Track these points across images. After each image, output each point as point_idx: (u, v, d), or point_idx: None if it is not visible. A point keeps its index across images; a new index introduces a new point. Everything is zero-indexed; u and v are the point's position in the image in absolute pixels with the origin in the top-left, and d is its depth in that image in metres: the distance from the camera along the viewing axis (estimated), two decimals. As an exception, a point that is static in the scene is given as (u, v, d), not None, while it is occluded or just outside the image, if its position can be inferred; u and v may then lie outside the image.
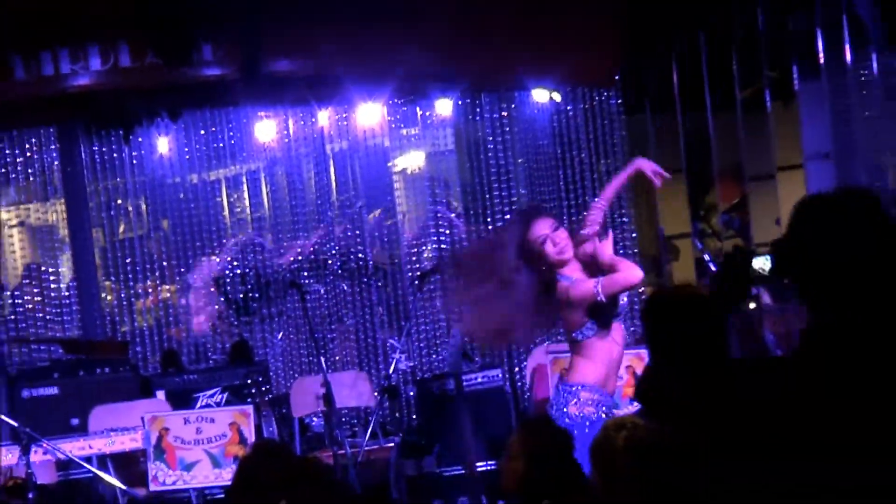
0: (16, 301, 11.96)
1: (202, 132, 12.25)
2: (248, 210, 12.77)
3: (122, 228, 12.45)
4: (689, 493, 4.55)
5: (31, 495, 9.12)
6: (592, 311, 7.45)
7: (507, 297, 7.72)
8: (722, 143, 12.58)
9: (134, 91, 11.09)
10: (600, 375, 7.50)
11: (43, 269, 12.23)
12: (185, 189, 12.43)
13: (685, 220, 13.42)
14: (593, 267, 7.57)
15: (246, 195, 12.80)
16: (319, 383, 9.57)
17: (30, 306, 11.97)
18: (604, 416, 7.25)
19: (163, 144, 12.03)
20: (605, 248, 7.53)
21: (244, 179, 12.77)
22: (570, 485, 5.95)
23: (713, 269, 11.88)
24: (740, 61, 12.24)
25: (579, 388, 7.37)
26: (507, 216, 12.27)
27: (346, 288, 12.26)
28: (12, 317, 11.89)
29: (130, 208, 12.31)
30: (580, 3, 11.46)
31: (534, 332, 7.99)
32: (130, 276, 12.29)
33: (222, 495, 9.35)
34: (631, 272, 7.36)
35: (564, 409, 7.41)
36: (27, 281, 12.22)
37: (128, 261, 12.30)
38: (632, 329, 11.57)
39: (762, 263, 11.05)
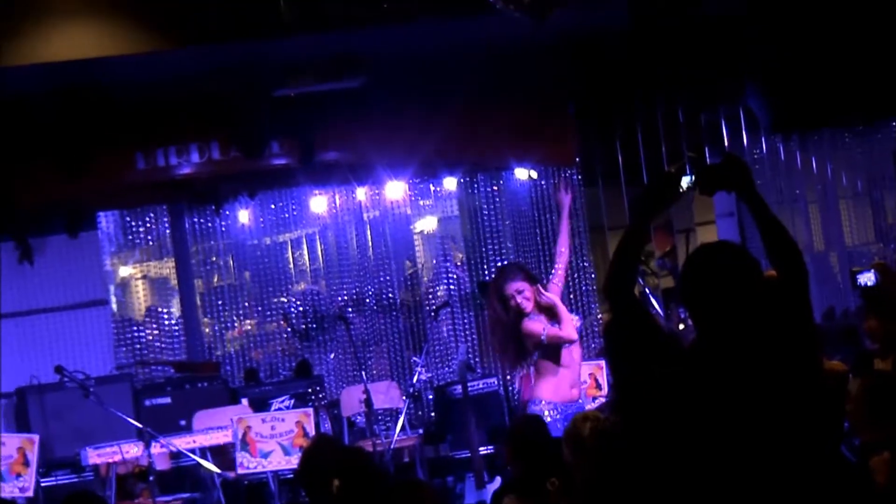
0: (140, 335, 11.88)
1: (272, 206, 12.18)
2: (307, 263, 12.74)
3: (216, 278, 12.40)
4: (636, 467, 4.53)
5: (151, 478, 9.05)
6: (537, 345, 7.60)
7: (492, 332, 7.88)
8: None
9: (222, 177, 11.08)
10: (550, 392, 7.60)
11: (159, 310, 12.16)
12: (261, 249, 12.38)
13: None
14: (549, 312, 7.70)
15: (305, 252, 12.79)
16: (361, 391, 9.46)
17: (150, 338, 11.89)
18: (551, 421, 7.26)
19: (244, 216, 11.98)
20: (544, 297, 7.67)
21: (304, 241, 12.78)
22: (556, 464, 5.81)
23: (652, 299, 11.76)
24: (667, 146, 12.21)
25: (532, 404, 7.54)
26: (498, 263, 12.22)
27: (380, 319, 12.20)
28: (137, 346, 11.79)
29: (222, 264, 12.26)
30: (546, 114, 11.46)
31: (508, 362, 8.04)
32: (222, 314, 12.19)
33: (291, 476, 9.21)
34: (568, 331, 7.58)
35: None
36: (148, 319, 12.17)
37: (220, 303, 12.21)
38: (592, 346, 11.47)
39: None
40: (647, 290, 12.30)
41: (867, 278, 7.89)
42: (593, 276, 12.46)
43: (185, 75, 9.55)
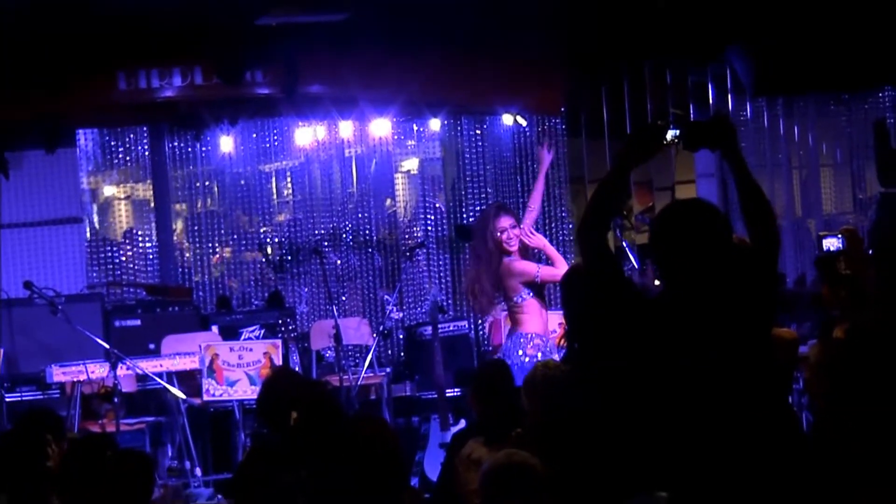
0: (115, 255, 11.79)
1: (254, 135, 12.08)
2: (289, 195, 12.63)
3: (208, 203, 12.35)
4: (578, 411, 4.60)
5: (116, 400, 8.97)
6: (529, 283, 7.61)
7: (472, 272, 7.90)
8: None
9: (204, 102, 10.94)
10: (540, 327, 7.64)
11: (137, 232, 12.04)
12: (241, 177, 12.24)
13: (609, 217, 13.24)
14: (525, 252, 7.77)
15: (289, 184, 12.67)
16: (332, 325, 9.37)
17: (124, 259, 11.80)
18: (539, 356, 7.34)
19: (225, 143, 11.82)
20: (533, 239, 7.71)
21: (288, 172, 12.64)
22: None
23: (629, 253, 11.70)
24: (653, 103, 12.14)
25: (532, 335, 7.50)
26: (478, 208, 12.16)
27: (356, 256, 12.13)
28: (111, 266, 11.69)
29: (201, 190, 12.17)
30: (537, 59, 11.28)
31: (482, 304, 8.01)
32: (206, 240, 12.06)
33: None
34: (561, 270, 7.57)
35: (519, 353, 7.50)
36: (125, 241, 12.06)
37: (196, 228, 12.14)
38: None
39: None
40: (626, 244, 12.24)
41: (831, 243, 7.82)
42: (570, 226, 12.41)
43: (169, -1, 9.41)
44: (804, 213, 13.47)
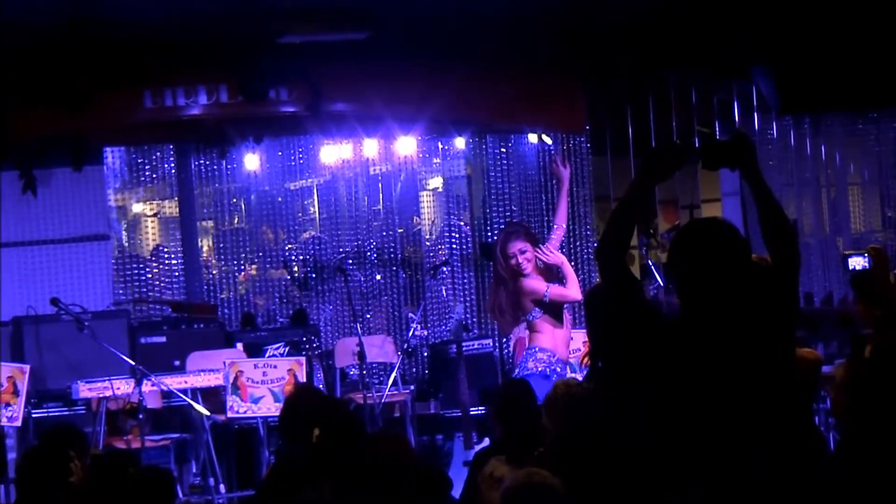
0: (141, 272, 11.84)
1: (279, 153, 12.12)
2: (315, 213, 12.63)
3: (234, 220, 12.39)
4: (598, 429, 4.58)
5: (140, 416, 8.99)
6: (538, 302, 7.74)
7: (492, 290, 8.03)
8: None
9: (229, 120, 10.98)
10: (549, 343, 7.73)
11: (163, 249, 12.07)
12: (271, 195, 12.27)
13: (634, 236, 13.26)
14: (548, 273, 7.87)
15: (315, 202, 12.69)
16: (356, 343, 9.37)
17: (150, 276, 11.82)
18: (549, 370, 7.47)
19: (250, 161, 11.87)
20: (551, 257, 7.81)
21: (314, 190, 12.66)
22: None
23: (655, 272, 11.70)
24: (678, 120, 12.13)
25: (538, 349, 7.60)
26: (503, 226, 12.16)
27: (380, 274, 12.13)
28: (137, 283, 11.73)
29: (227, 207, 12.20)
30: (561, 77, 11.36)
31: (505, 323, 8.21)
32: (232, 257, 12.11)
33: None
34: (574, 292, 7.74)
35: (526, 364, 7.75)
36: (151, 258, 12.09)
37: (221, 245, 12.20)
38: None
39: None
40: (651, 263, 12.24)
41: (857, 262, 7.80)
42: (595, 245, 12.38)
43: (195, 17, 9.43)
44: (832, 232, 13.40)
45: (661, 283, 11.74)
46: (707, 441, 3.57)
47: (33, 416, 9.64)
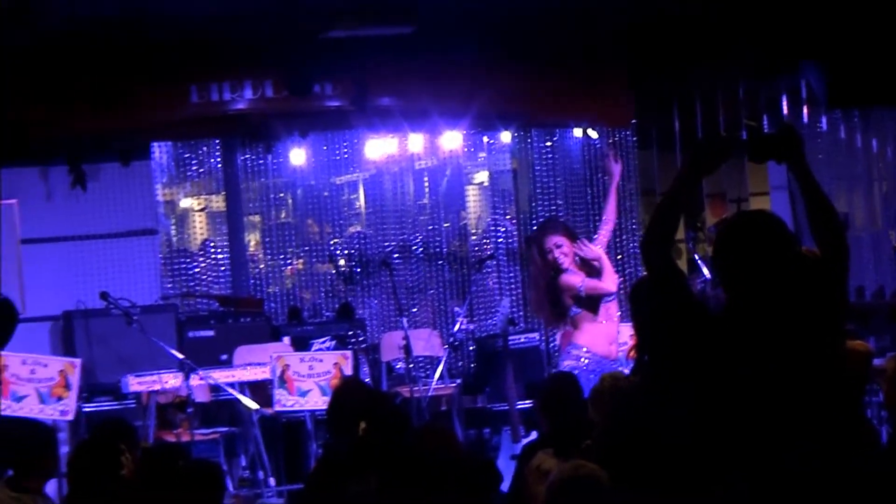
0: (188, 266, 11.92)
1: (325, 147, 12.14)
2: (361, 207, 12.66)
3: (282, 214, 12.39)
4: (644, 423, 4.54)
5: (189, 410, 9.06)
6: (576, 298, 7.76)
7: (532, 286, 8.04)
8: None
9: (275, 115, 10.97)
10: (586, 340, 7.75)
11: (210, 244, 12.14)
12: (317, 189, 12.31)
13: (681, 230, 13.26)
14: (588, 268, 7.88)
15: (361, 196, 12.71)
16: (402, 337, 9.39)
17: (197, 270, 11.89)
18: (578, 370, 7.48)
19: (296, 155, 11.89)
20: (588, 251, 7.83)
21: (360, 184, 12.68)
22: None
23: (702, 266, 11.64)
24: (725, 114, 12.07)
25: (571, 348, 7.63)
26: (547, 221, 12.18)
27: (426, 268, 12.14)
28: (184, 278, 11.81)
29: (273, 202, 12.23)
30: (607, 71, 11.33)
31: (545, 317, 8.24)
32: (278, 251, 12.14)
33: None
34: (608, 284, 7.76)
35: (560, 363, 7.93)
36: (199, 252, 12.16)
37: (267, 240, 12.24)
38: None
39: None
40: (698, 257, 12.19)
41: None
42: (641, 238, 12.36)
43: (241, 12, 9.48)
44: (885, 226, 13.29)
45: (708, 277, 11.68)
46: (754, 434, 3.56)
47: (84, 410, 9.72)
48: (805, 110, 12.16)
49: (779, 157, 3.87)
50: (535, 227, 11.90)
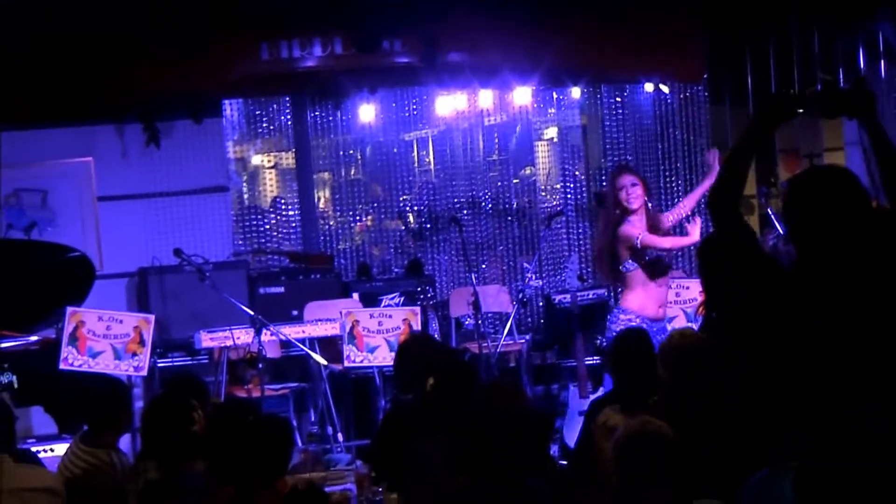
0: (259, 223, 11.97)
1: (394, 104, 12.12)
2: (431, 163, 12.64)
3: (352, 171, 12.37)
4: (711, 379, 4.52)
5: (260, 366, 9.08)
6: (632, 252, 7.67)
7: (598, 234, 7.97)
8: (782, 129, 12.18)
9: (344, 72, 10.97)
10: (636, 304, 7.66)
11: (281, 201, 12.19)
12: (386, 146, 12.27)
13: (753, 185, 13.14)
14: (653, 230, 7.79)
15: (430, 152, 12.68)
16: (471, 293, 9.39)
17: (268, 227, 11.94)
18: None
19: (365, 112, 11.90)
20: (666, 220, 7.71)
21: (429, 140, 12.67)
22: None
23: (775, 221, 11.51)
24: (799, 68, 11.86)
25: (620, 312, 7.58)
26: (619, 176, 12.10)
27: (495, 224, 12.11)
28: (255, 234, 11.88)
29: (342, 159, 12.24)
30: (678, 25, 11.18)
31: (603, 269, 8.13)
32: (348, 208, 12.14)
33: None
34: (664, 242, 7.64)
35: (611, 327, 7.74)
36: (270, 209, 12.20)
37: (337, 197, 12.26)
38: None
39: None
40: (771, 212, 12.06)
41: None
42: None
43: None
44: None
45: (781, 233, 11.56)
46: (820, 391, 3.52)
47: (158, 365, 9.85)
48: (882, 64, 11.94)
49: (851, 112, 3.82)
50: (604, 183, 11.86)
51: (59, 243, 9.85)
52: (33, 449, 8.04)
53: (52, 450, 8.29)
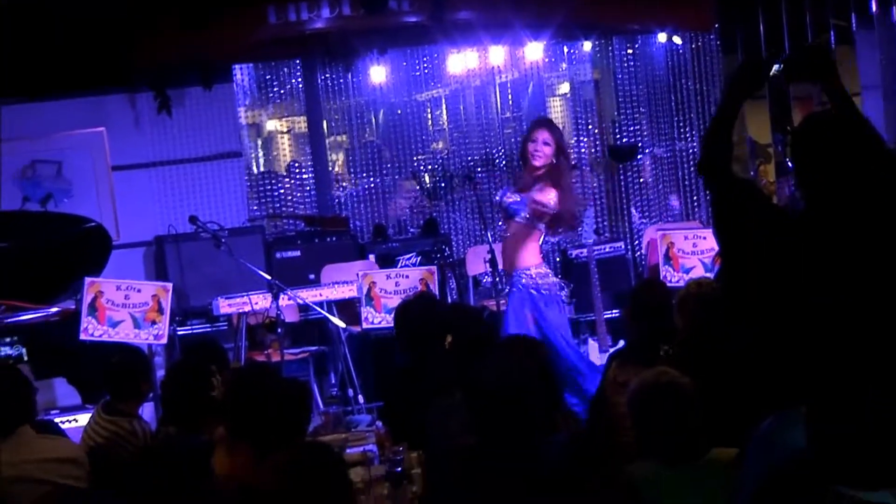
0: (273, 188, 11.96)
1: (404, 64, 12.05)
2: (444, 123, 12.59)
3: (365, 133, 12.33)
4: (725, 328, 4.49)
5: (279, 330, 9.08)
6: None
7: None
8: (798, 76, 12.10)
9: (353, 33, 10.93)
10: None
11: (295, 165, 12.17)
12: (393, 107, 12.23)
13: (768, 134, 13.08)
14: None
15: (444, 111, 12.63)
16: (487, 251, 9.37)
17: (282, 192, 11.93)
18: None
19: (376, 73, 11.81)
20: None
21: (442, 100, 12.59)
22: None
23: (790, 167, 11.42)
24: (812, 14, 11.78)
25: (531, 269, 7.64)
26: (632, 129, 12.03)
27: (509, 181, 12.05)
28: (270, 199, 11.87)
29: (354, 121, 12.18)
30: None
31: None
32: (362, 170, 12.12)
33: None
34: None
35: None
36: (285, 174, 12.19)
37: (350, 159, 12.22)
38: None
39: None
40: (787, 160, 12.01)
41: None
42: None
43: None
44: None
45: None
46: (827, 341, 3.48)
47: (178, 333, 9.89)
48: (894, 9, 11.84)
49: (812, 75, 3.90)
50: (624, 136, 11.82)
51: (75, 214, 9.87)
52: (57, 420, 8.09)
53: (75, 420, 8.35)
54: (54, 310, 9.09)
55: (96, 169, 10.85)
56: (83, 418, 7.65)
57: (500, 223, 7.96)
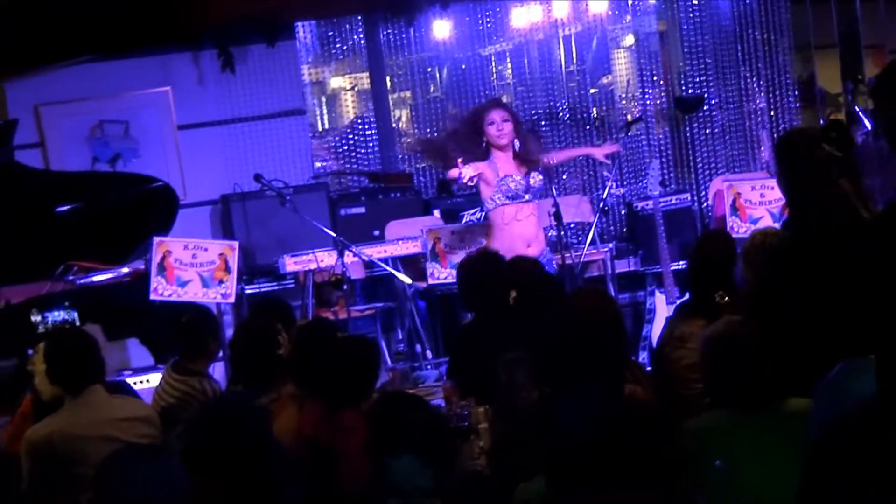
0: (339, 145, 11.96)
1: (467, 18, 11.95)
2: (510, 77, 12.50)
3: (430, 89, 12.28)
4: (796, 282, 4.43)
5: (346, 287, 9.13)
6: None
7: None
8: (868, 24, 11.96)
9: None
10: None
11: (359, 121, 12.16)
12: (462, 61, 12.13)
13: (838, 83, 12.88)
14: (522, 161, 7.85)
15: (508, 66, 12.54)
16: (552, 204, 9.33)
17: (346, 148, 11.93)
18: None
19: (439, 29, 11.75)
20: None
21: (506, 54, 12.51)
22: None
23: (863, 117, 11.26)
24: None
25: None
26: (697, 80, 11.90)
27: (574, 134, 11.97)
28: (334, 156, 11.88)
29: (417, 76, 12.11)
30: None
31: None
32: (425, 125, 12.07)
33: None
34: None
35: None
36: (348, 130, 12.18)
37: (414, 115, 12.16)
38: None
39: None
40: (858, 109, 11.84)
41: None
42: (795, 93, 12.05)
43: None
44: None
45: (869, 129, 11.34)
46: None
47: (246, 291, 9.94)
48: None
49: None
50: (689, 87, 11.69)
51: (142, 174, 9.94)
52: (129, 380, 8.19)
53: (147, 381, 8.44)
54: (125, 270, 9.18)
55: (162, 128, 10.93)
56: (155, 378, 7.73)
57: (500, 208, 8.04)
